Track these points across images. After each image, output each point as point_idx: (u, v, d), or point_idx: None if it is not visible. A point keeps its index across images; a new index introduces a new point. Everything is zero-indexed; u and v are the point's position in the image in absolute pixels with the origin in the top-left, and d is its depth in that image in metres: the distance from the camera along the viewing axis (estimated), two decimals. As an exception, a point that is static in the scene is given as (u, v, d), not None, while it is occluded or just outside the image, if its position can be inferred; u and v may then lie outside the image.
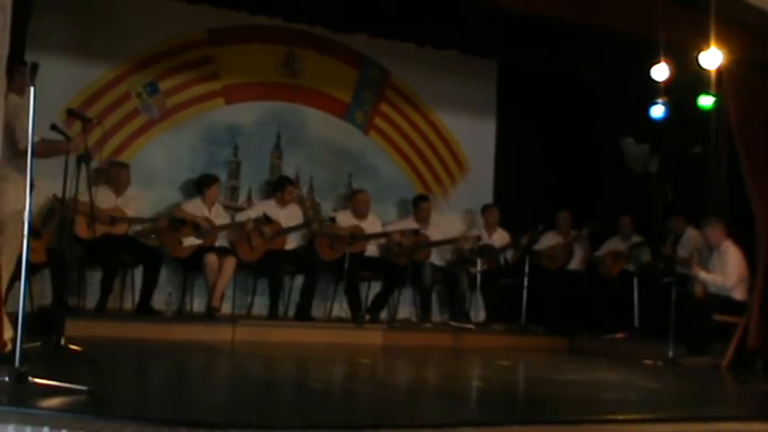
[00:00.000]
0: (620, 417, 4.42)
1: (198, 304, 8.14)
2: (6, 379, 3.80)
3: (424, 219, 9.12)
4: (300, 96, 9.14)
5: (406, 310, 9.16)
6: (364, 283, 8.74)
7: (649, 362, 7.44)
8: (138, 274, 7.80)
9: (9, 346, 4.76)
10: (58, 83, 7.44)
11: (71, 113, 6.13)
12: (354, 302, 8.48)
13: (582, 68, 9.03)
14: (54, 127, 5.36)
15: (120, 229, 7.61)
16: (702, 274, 7.65)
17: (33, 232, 4.74)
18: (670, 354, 7.45)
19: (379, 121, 9.60)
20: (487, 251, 9.13)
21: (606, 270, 9.07)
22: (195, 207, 8.06)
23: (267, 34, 8.89)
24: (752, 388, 6.53)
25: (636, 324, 8.64)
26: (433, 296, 9.06)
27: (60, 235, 6.37)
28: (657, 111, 7.78)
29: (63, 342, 5.11)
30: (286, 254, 8.36)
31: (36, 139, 4.54)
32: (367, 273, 8.69)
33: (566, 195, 9.68)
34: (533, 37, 8.02)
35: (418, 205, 9.20)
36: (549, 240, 9.49)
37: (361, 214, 8.82)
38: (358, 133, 9.45)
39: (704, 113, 7.59)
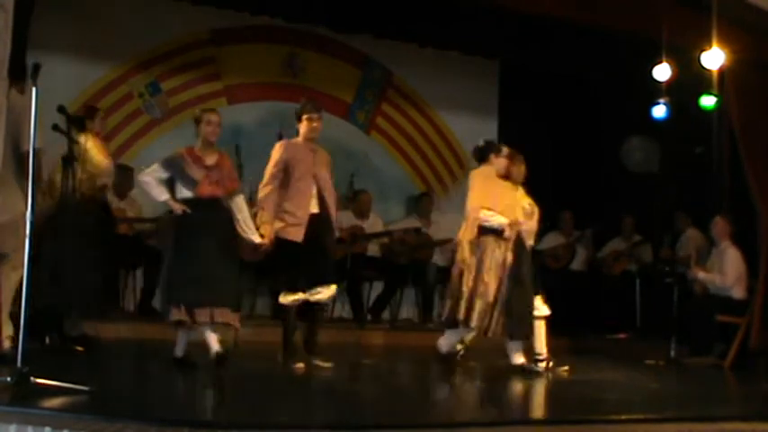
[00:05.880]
0: (623, 417, 4.42)
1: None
2: (8, 379, 3.80)
3: (425, 213, 9.12)
4: (302, 96, 9.08)
5: (408, 310, 9.16)
6: (366, 284, 8.74)
7: (651, 362, 7.43)
8: (139, 274, 7.80)
9: (9, 344, 4.77)
10: (60, 83, 7.43)
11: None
12: (356, 303, 8.46)
13: (584, 68, 9.02)
14: (56, 127, 5.35)
15: (120, 230, 7.59)
16: (701, 275, 7.64)
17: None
18: (672, 354, 7.45)
19: (380, 122, 9.60)
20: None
21: (608, 270, 9.06)
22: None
23: (269, 34, 8.90)
24: (754, 388, 6.52)
25: (638, 324, 8.64)
26: (435, 296, 9.06)
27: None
28: (659, 111, 7.78)
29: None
30: (288, 254, 8.34)
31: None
32: (369, 273, 8.68)
33: (568, 195, 9.65)
34: (535, 37, 8.03)
35: (420, 200, 9.26)
36: (551, 240, 9.47)
37: (362, 214, 8.82)
38: (360, 133, 9.46)
39: (706, 113, 7.58)
